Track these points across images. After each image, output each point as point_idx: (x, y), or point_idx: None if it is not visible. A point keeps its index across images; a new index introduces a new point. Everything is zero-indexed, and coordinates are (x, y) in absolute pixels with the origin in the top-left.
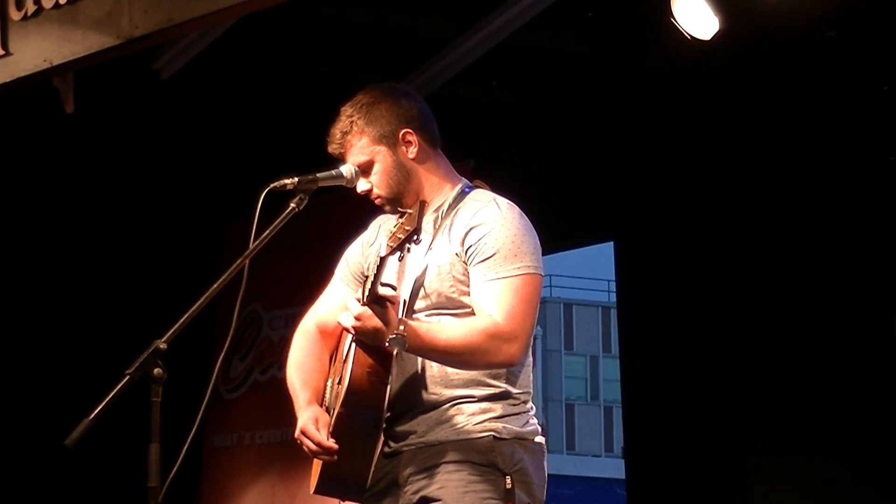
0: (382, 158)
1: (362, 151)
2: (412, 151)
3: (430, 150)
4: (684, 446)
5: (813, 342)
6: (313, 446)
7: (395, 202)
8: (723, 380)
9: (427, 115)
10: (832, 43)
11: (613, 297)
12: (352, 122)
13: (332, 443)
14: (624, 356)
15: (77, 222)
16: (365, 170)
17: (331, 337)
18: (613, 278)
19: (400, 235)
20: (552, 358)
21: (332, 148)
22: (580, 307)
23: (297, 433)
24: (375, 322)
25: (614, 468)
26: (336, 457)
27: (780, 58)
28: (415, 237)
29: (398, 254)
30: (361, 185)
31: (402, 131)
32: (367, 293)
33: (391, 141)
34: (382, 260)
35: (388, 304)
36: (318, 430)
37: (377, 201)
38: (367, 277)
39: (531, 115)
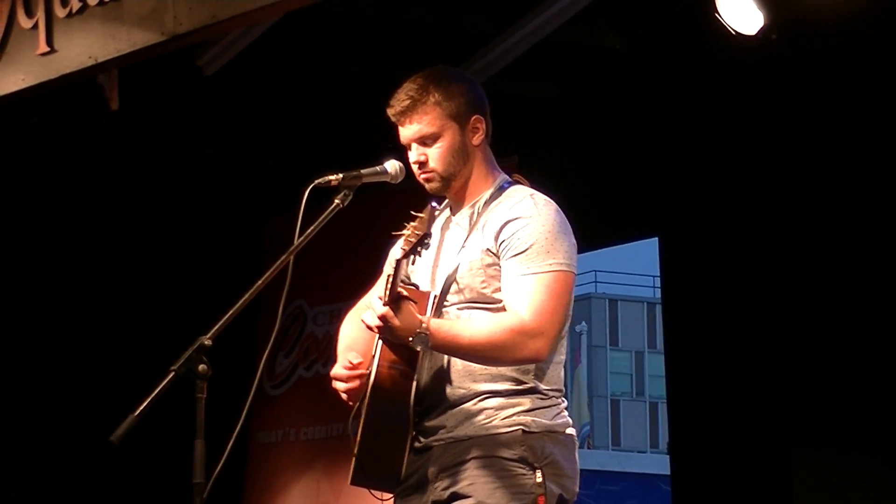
0: (451, 135)
1: (432, 123)
2: (477, 139)
3: (486, 144)
4: (729, 441)
5: (860, 336)
6: (340, 385)
7: (445, 181)
8: (768, 375)
9: (489, 109)
10: (877, 39)
11: (658, 293)
12: (427, 91)
13: (353, 364)
14: (669, 352)
15: (122, 219)
16: (424, 141)
17: None
18: (658, 274)
19: (412, 239)
20: (597, 354)
21: (394, 111)
22: (625, 303)
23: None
24: (396, 321)
25: (660, 464)
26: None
27: (825, 53)
28: (426, 240)
29: (412, 256)
30: (415, 156)
31: (474, 116)
32: (388, 293)
33: (463, 122)
34: (398, 262)
35: (411, 303)
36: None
37: (425, 176)
38: (388, 277)
39: (575, 110)
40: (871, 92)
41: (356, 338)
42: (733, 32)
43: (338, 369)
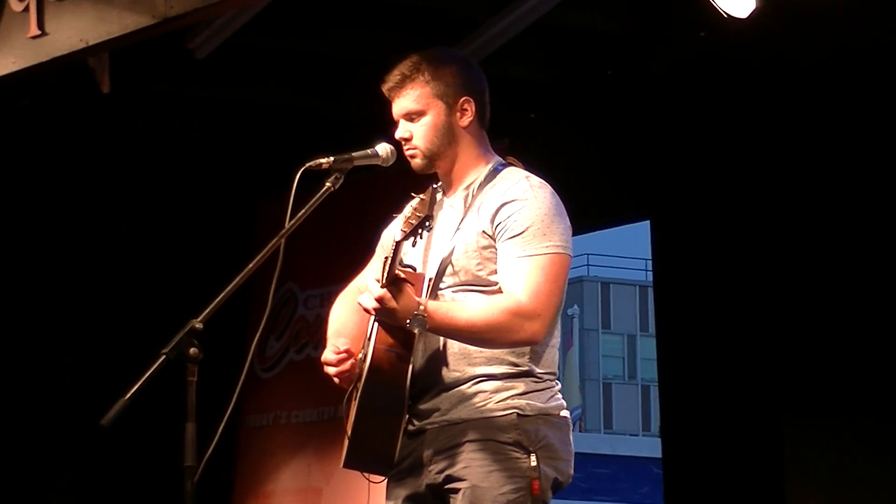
0: (436, 114)
1: (419, 101)
2: (465, 120)
3: (478, 126)
4: (721, 424)
5: (849, 318)
6: (331, 370)
7: (428, 160)
8: (759, 358)
9: (487, 96)
10: (872, 23)
11: (650, 276)
12: (418, 69)
13: (341, 350)
14: (660, 335)
15: (113, 202)
16: (410, 117)
17: None
18: (650, 257)
19: (413, 221)
20: (589, 337)
21: (387, 86)
22: (617, 286)
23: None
24: (394, 303)
25: (651, 447)
26: (348, 367)
27: (817, 35)
28: (427, 223)
29: (412, 238)
30: (401, 132)
31: (463, 98)
32: (385, 275)
33: (450, 102)
34: (398, 244)
35: (409, 285)
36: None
37: (410, 152)
38: (385, 259)
39: (567, 93)
40: (862, 76)
41: (346, 321)
42: (725, 15)
43: (327, 354)
